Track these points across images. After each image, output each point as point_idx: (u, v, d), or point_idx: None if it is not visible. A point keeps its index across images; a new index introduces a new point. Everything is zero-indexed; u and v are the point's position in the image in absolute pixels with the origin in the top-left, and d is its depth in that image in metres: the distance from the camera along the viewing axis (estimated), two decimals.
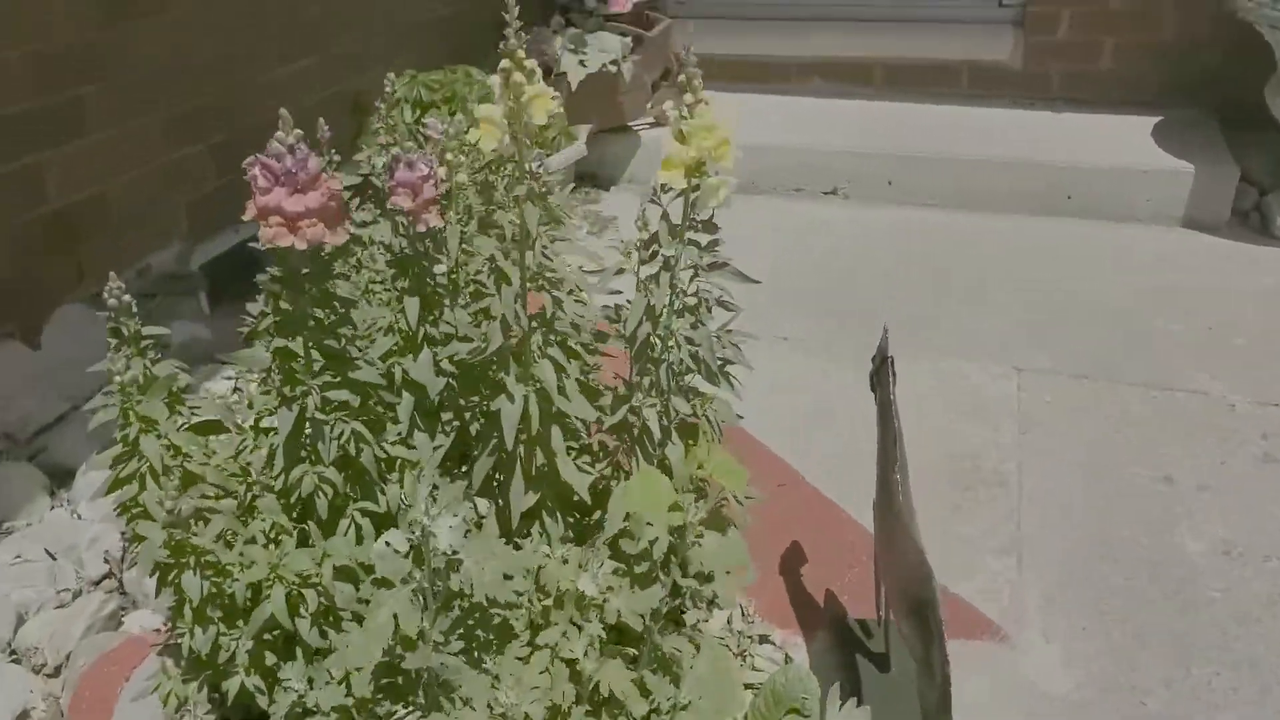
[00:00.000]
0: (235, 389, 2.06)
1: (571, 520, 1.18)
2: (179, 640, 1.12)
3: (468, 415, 1.13)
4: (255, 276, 1.07)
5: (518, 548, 1.08)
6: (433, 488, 0.94)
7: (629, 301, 1.17)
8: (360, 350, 1.05)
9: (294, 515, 1.09)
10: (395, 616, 0.94)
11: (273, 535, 1.09)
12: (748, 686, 1.39)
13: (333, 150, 1.53)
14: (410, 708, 0.99)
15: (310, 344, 1.00)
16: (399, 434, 1.10)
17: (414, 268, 1.14)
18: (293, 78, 2.51)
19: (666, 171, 1.10)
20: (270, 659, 1.10)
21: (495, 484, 1.11)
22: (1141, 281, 2.74)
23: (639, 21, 3.67)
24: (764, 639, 1.60)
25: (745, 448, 2.00)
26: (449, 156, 1.27)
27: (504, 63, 1.10)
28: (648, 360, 1.11)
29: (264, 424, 1.10)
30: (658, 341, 1.11)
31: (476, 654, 0.99)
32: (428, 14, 3.13)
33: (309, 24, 2.55)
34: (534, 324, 1.08)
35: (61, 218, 1.94)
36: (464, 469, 1.15)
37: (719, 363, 1.19)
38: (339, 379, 1.01)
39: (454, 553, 0.92)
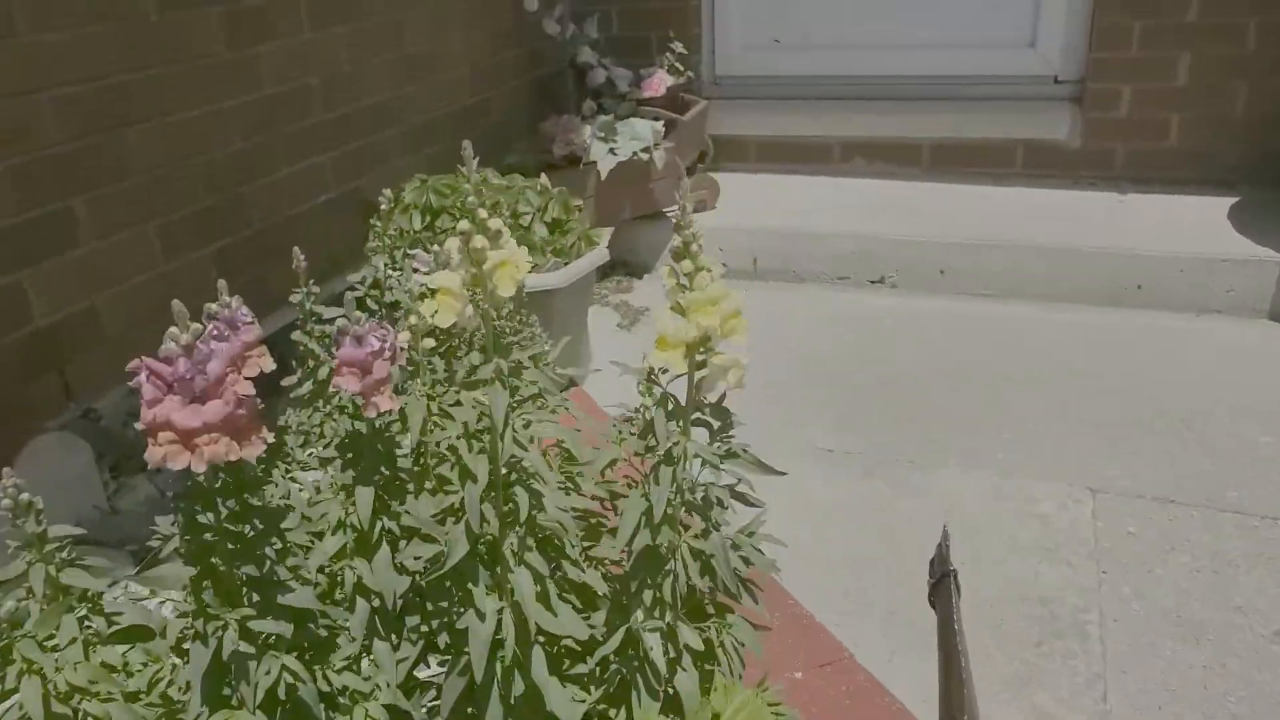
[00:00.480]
0: None
1: None
2: None
3: (435, 624, 0.94)
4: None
5: None
6: None
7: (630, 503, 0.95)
8: (298, 559, 0.87)
9: None
10: None
11: None
12: None
13: (311, 281, 1.37)
14: None
15: (227, 567, 0.82)
16: (348, 657, 0.90)
17: (367, 452, 0.96)
18: (304, 176, 2.39)
19: (662, 352, 0.90)
20: None
21: (468, 712, 0.91)
22: (1227, 383, 2.48)
23: (673, 105, 3.54)
24: None
25: (780, 607, 1.77)
26: (413, 319, 1.09)
27: (462, 224, 0.93)
28: (648, 574, 0.91)
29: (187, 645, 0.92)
30: (660, 553, 0.91)
31: None
32: (449, 105, 3.02)
33: (323, 121, 2.43)
34: (509, 523, 0.89)
35: (46, 336, 1.80)
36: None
37: (738, 576, 0.98)
38: (265, 605, 0.83)
39: None
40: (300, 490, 1.05)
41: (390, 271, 1.65)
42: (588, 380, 2.63)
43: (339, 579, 0.95)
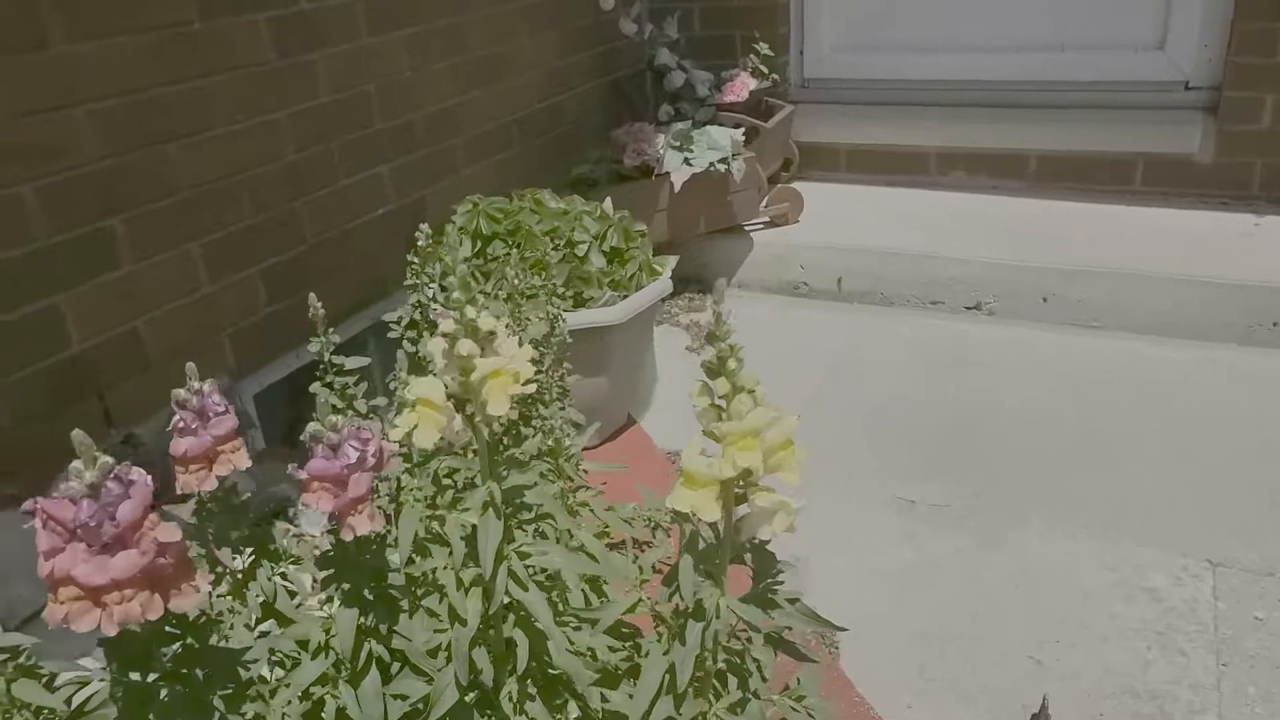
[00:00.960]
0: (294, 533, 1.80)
1: None
2: None
3: None
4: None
5: None
6: None
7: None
8: (259, 705, 0.73)
9: None
10: None
11: None
12: None
13: (331, 330, 1.24)
14: None
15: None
16: None
17: (350, 570, 0.82)
18: (362, 187, 2.29)
19: (689, 492, 0.72)
20: None
21: None
22: None
23: (756, 110, 3.33)
24: None
25: (843, 700, 1.56)
26: (391, 434, 0.90)
27: (445, 325, 0.76)
28: None
29: None
30: None
31: None
32: (518, 110, 2.88)
33: (382, 130, 2.32)
34: (507, 669, 0.74)
35: (84, 362, 1.73)
36: None
37: None
38: None
39: None
40: (290, 588, 0.92)
41: (436, 304, 1.51)
42: (650, 411, 2.47)
43: (322, 706, 0.81)
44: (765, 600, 0.74)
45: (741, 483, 0.74)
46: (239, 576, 0.96)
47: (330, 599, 0.82)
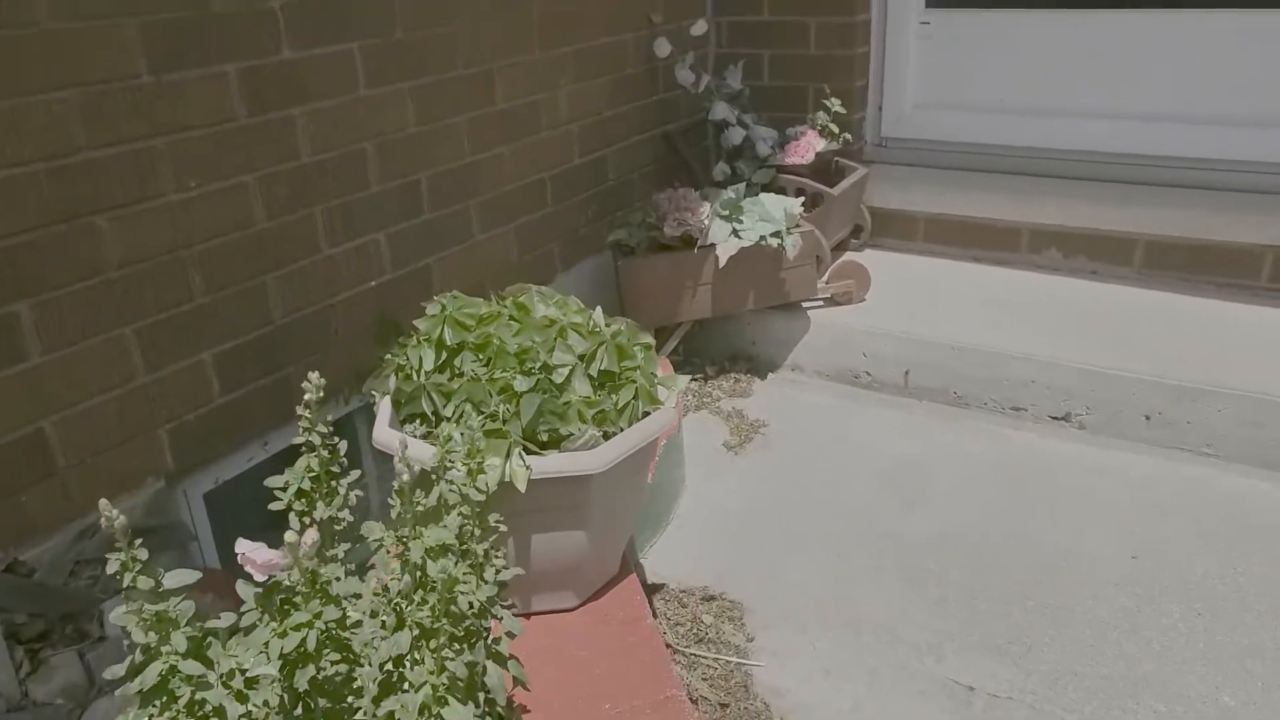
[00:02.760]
0: None
1: None
2: None
3: None
4: None
5: None
6: None
7: None
8: None
9: None
10: None
11: None
12: None
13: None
14: None
15: None
16: None
17: None
18: (350, 258, 2.01)
19: None
20: None
21: None
22: None
23: (824, 171, 2.99)
24: None
25: None
26: None
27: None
28: None
29: None
30: None
31: None
32: (552, 166, 2.60)
33: (381, 192, 2.06)
34: None
35: None
36: None
37: None
38: None
39: None
40: None
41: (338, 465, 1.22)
42: (670, 531, 2.13)
43: None
44: None
45: None
46: None
47: None
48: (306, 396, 1.19)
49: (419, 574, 1.08)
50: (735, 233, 2.50)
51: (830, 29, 3.09)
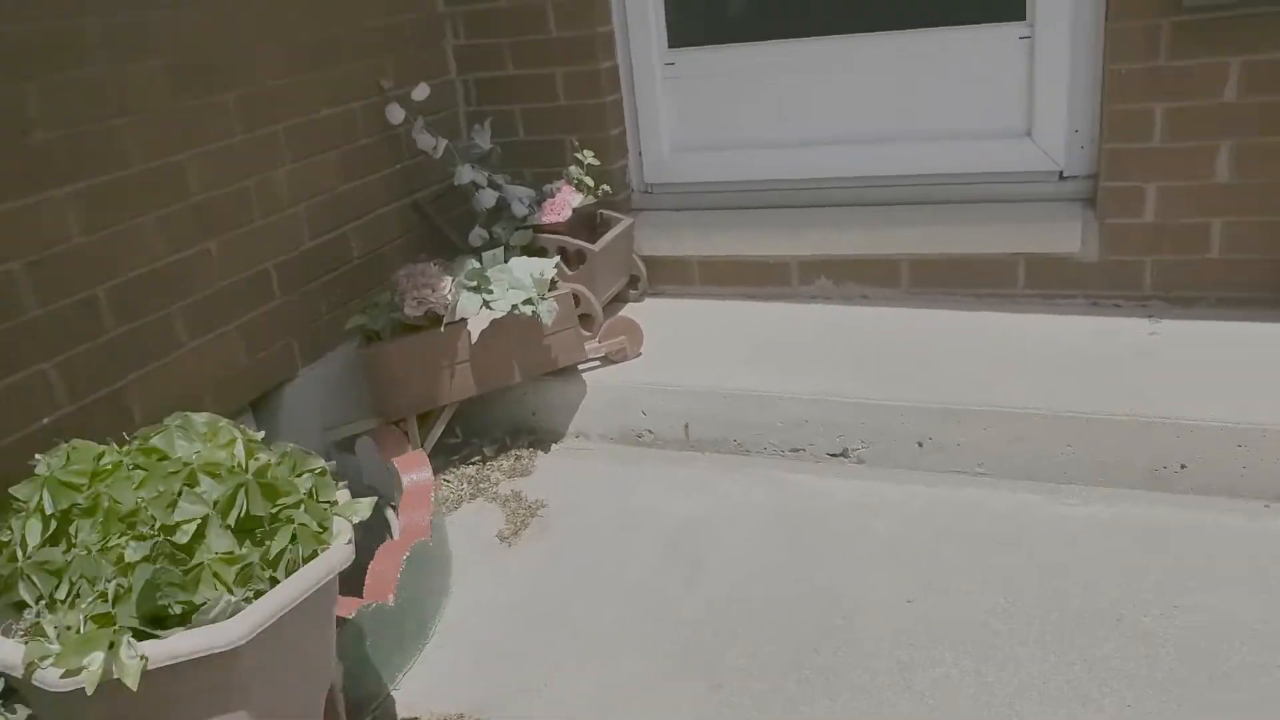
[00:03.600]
0: None
1: None
2: None
3: None
4: None
5: None
6: None
7: None
8: None
9: None
10: None
11: None
12: None
13: None
14: None
15: None
16: None
17: None
18: (9, 394, 1.74)
19: None
20: None
21: None
22: None
23: (587, 226, 2.88)
24: None
25: None
26: None
27: None
28: None
29: None
30: None
31: None
32: (277, 254, 2.39)
33: (47, 314, 1.80)
34: None
35: None
36: None
37: None
38: None
39: None
40: None
41: None
42: (428, 652, 1.93)
43: None
44: None
45: None
46: None
47: None
48: None
49: None
50: (486, 304, 2.35)
51: (577, 78, 3.01)
